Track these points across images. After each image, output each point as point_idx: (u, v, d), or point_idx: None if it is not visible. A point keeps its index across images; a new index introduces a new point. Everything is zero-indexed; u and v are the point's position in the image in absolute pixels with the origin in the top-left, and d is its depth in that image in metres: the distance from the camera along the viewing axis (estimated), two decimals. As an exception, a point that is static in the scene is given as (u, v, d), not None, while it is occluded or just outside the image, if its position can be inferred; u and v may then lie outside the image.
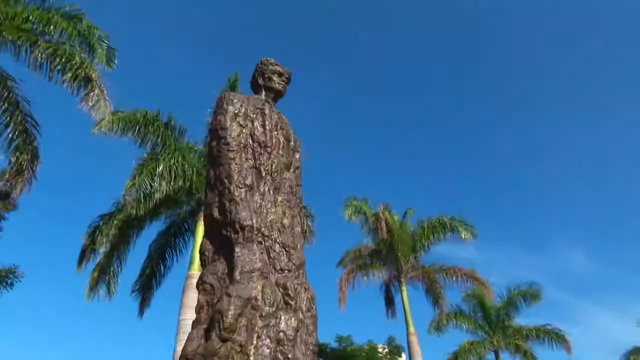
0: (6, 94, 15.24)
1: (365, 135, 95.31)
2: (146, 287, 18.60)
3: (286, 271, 4.23)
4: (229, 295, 3.78)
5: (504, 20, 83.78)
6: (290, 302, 4.03)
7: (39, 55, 14.71)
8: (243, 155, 4.68)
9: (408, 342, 23.91)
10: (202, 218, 17.62)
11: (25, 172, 15.57)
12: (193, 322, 3.98)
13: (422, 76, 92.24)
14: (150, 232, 18.63)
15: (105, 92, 15.20)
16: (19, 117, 15.42)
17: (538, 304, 28.01)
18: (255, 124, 4.96)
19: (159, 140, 17.25)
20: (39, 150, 15.87)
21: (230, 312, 3.69)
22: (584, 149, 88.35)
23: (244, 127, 4.87)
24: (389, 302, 26.79)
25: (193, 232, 17.20)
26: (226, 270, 4.09)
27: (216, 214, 4.42)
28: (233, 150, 4.62)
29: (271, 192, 4.66)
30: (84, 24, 16.09)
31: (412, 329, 24.02)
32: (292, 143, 5.23)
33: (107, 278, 17.23)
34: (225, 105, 4.96)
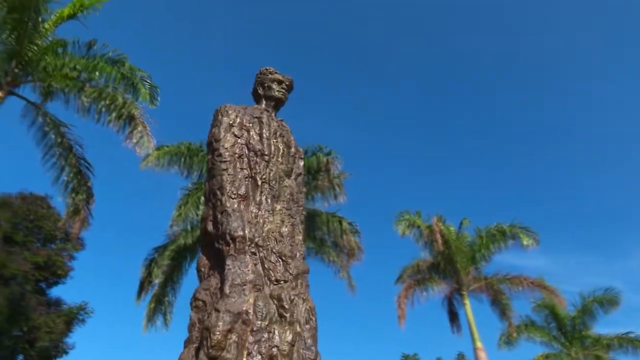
0: (60, 139, 16.20)
1: (409, 148, 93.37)
2: (204, 315, 18.87)
3: (282, 282, 4.01)
4: (218, 311, 3.62)
5: (559, 21, 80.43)
6: (285, 315, 3.79)
7: (86, 99, 15.61)
8: (238, 165, 4.58)
9: (476, 358, 22.71)
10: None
11: (82, 211, 16.38)
12: (185, 341, 3.84)
13: (474, 78, 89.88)
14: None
15: (148, 128, 15.84)
16: (73, 160, 16.31)
17: (617, 310, 25.85)
18: (252, 133, 4.87)
19: (203, 170, 17.67)
20: (93, 189, 16.70)
21: (218, 328, 3.52)
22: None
23: (239, 137, 4.78)
24: (453, 316, 25.62)
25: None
26: (219, 285, 3.96)
27: (210, 227, 4.32)
28: (226, 161, 4.53)
29: (269, 200, 4.52)
30: (127, 66, 16.95)
31: (479, 344, 22.79)
32: (292, 150, 5.09)
33: (163, 308, 17.67)
34: (220, 117, 4.91)
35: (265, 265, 4.09)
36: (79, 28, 16.58)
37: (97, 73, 16.31)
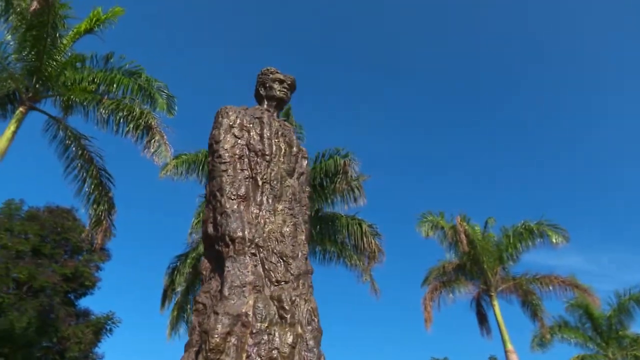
0: (80, 152, 16.44)
1: (429, 149, 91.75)
2: (227, 322, 18.80)
3: (283, 282, 3.88)
4: (216, 313, 3.51)
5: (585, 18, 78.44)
6: (286, 316, 3.65)
7: (104, 111, 15.84)
8: (238, 166, 4.49)
9: (507, 361, 22.09)
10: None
11: (104, 222, 16.57)
12: (185, 345, 3.74)
13: (495, 76, 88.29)
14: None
15: (165, 137, 15.96)
16: (94, 172, 16.53)
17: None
18: (252, 133, 4.78)
19: (222, 177, 17.68)
20: (114, 200, 16.88)
21: (216, 331, 3.40)
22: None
23: (239, 138, 4.70)
24: (482, 318, 25.01)
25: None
26: (219, 288, 3.84)
27: (210, 229, 4.22)
28: (225, 162, 4.45)
29: (270, 201, 4.40)
30: (143, 77, 17.14)
31: (510, 346, 22.17)
32: (294, 149, 4.97)
33: (185, 316, 17.71)
34: (220, 118, 4.85)
35: (266, 266, 3.96)
36: (96, 41, 16.85)
37: (114, 85, 16.52)
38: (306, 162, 5.09)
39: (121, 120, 15.84)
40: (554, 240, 23.09)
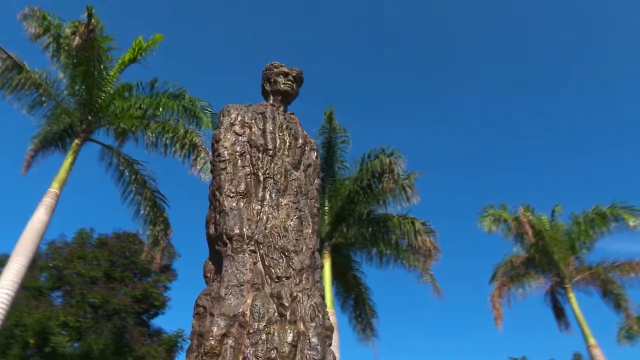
0: (134, 176, 17.16)
1: (479, 141, 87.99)
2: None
3: (284, 278, 3.66)
4: (212, 315, 3.35)
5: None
6: (285, 313, 3.43)
7: (151, 134, 16.43)
8: (239, 162, 4.37)
9: (591, 356, 20.53)
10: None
11: (161, 241, 17.14)
12: (186, 350, 3.61)
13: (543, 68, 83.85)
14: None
15: (210, 154, 16.29)
16: (148, 194, 17.18)
17: None
18: (254, 129, 4.66)
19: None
20: (169, 220, 17.41)
21: (211, 334, 3.24)
22: None
23: (240, 135, 4.59)
24: (559, 312, 23.50)
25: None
26: (218, 289, 3.69)
27: (212, 230, 4.10)
28: (224, 160, 4.35)
29: (273, 195, 4.23)
30: (187, 98, 17.70)
31: (592, 341, 20.62)
32: (300, 141, 4.79)
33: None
34: (221, 117, 4.80)
35: (266, 263, 3.77)
36: (139, 66, 17.56)
37: (160, 109, 17.12)
38: (315, 154, 4.90)
39: (167, 141, 16.38)
40: (631, 224, 21.35)
